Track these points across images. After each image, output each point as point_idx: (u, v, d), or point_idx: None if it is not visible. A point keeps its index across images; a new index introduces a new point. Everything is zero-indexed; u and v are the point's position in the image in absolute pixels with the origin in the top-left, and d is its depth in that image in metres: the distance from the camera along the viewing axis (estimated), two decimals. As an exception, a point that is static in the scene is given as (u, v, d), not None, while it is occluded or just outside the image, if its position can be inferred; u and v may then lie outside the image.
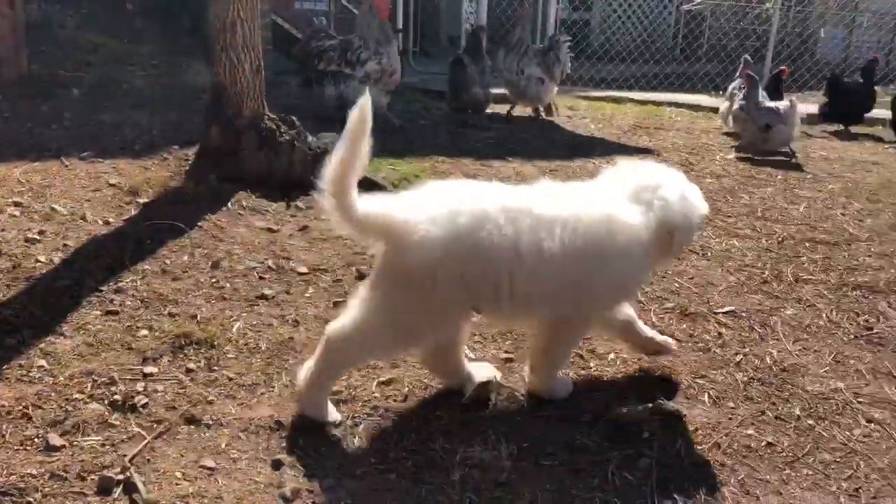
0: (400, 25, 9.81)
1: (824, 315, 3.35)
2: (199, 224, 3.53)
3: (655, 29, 12.28)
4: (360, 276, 3.19)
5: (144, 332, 2.66)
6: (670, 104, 9.14)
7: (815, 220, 4.70)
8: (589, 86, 9.88)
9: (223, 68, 4.12)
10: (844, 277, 3.78)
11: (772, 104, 6.49)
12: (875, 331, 3.24)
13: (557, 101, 8.59)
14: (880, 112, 8.41)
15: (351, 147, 2.11)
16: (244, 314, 2.83)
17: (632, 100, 9.33)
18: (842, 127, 8.17)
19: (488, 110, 7.30)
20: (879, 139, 7.88)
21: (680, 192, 2.42)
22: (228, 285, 3.03)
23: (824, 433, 2.47)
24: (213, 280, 3.05)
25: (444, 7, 12.71)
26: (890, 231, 4.59)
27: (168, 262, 3.16)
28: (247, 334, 2.71)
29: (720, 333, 3.09)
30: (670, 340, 2.76)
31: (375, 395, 2.45)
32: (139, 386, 2.37)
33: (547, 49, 7.48)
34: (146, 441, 2.13)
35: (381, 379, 2.53)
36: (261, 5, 7.91)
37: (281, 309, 2.91)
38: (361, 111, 2.09)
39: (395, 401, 2.43)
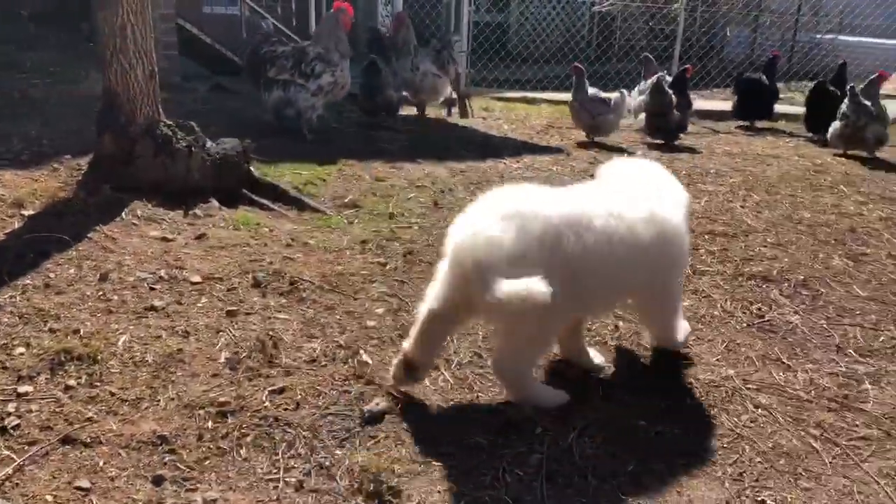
0: (314, 28, 9.71)
1: (719, 305, 3.44)
2: (88, 236, 3.39)
3: (570, 30, 12.47)
4: (256, 284, 3.12)
5: (21, 349, 2.54)
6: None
7: (715, 213, 4.83)
8: (504, 87, 9.97)
9: (114, 74, 3.97)
10: (740, 268, 3.90)
11: (603, 95, 7.01)
12: (766, 318, 3.34)
13: (473, 103, 8.65)
14: (781, 107, 8.77)
15: None
16: (131, 327, 2.73)
17: (546, 100, 9.44)
18: (748, 123, 8.47)
19: (402, 112, 7.29)
20: (781, 132, 8.17)
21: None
22: (116, 297, 2.92)
23: (714, 420, 2.53)
24: (100, 293, 2.93)
25: (360, 10, 12.64)
26: (785, 222, 4.75)
27: (52, 275, 3.03)
28: (133, 347, 2.61)
29: (617, 326, 3.13)
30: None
31: (266, 404, 2.39)
32: (11, 407, 2.25)
33: (440, 48, 7.52)
34: (15, 464, 2.03)
35: (273, 388, 2.47)
36: (167, 9, 7.78)
37: (171, 320, 2.81)
38: None
39: (286, 409, 2.38)
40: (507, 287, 2.08)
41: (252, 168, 4.45)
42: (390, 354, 2.73)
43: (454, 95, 8.56)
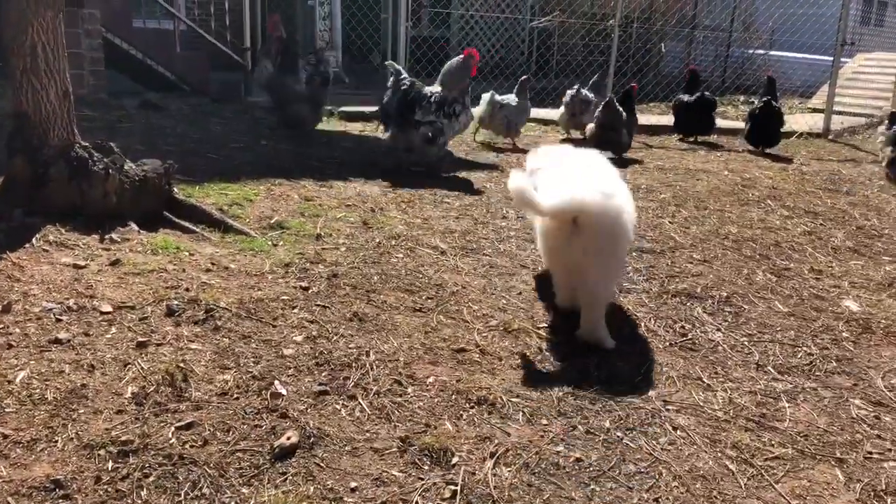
0: (248, 44, 9.60)
1: (643, 324, 3.45)
2: (-6, 264, 3.24)
3: (509, 46, 12.57)
4: (170, 312, 3.02)
5: None
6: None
7: (644, 229, 4.87)
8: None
9: (25, 95, 3.82)
10: (666, 285, 3.93)
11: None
12: (689, 336, 3.36)
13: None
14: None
15: None
16: (32, 362, 2.61)
17: (485, 116, 9.47)
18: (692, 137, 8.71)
19: (339, 129, 7.23)
20: (713, 146, 8.34)
21: None
22: (18, 330, 2.79)
23: (632, 444, 2.51)
24: (1, 326, 2.80)
25: (299, 25, 12.56)
26: (712, 237, 4.82)
27: (-50, 308, 2.88)
28: (32, 384, 2.48)
29: (541, 349, 3.11)
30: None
31: (172, 441, 2.29)
32: None
33: (316, 62, 7.43)
34: None
35: (181, 423, 2.37)
36: (91, 24, 7.58)
37: (76, 353, 2.69)
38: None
39: (193, 446, 2.29)
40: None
41: (175, 189, 4.33)
42: (307, 384, 2.66)
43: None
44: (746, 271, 4.25)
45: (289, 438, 2.34)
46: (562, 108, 8.13)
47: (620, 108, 7.14)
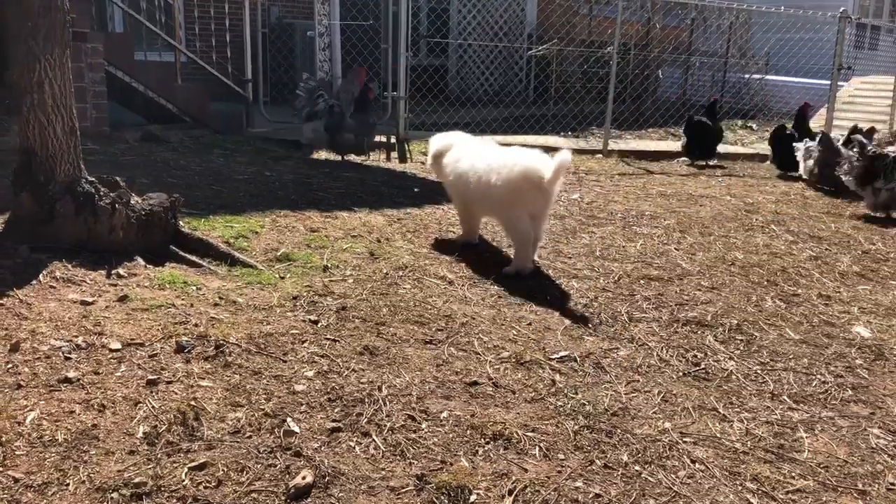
0: (249, 76, 9.65)
1: (655, 354, 3.43)
2: (1, 302, 3.22)
3: (508, 74, 12.66)
4: (180, 349, 2.99)
5: (-82, 433, 2.36)
6: (522, 146, 9.34)
7: (650, 256, 4.86)
8: (444, 131, 10.00)
9: (32, 131, 3.83)
10: (675, 313, 3.91)
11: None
12: (702, 366, 3.34)
13: (412, 147, 8.66)
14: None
15: None
16: (42, 402, 2.57)
17: (485, 143, 9.50)
18: (702, 161, 8.75)
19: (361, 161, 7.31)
20: (717, 167, 8.36)
21: None
22: (27, 370, 2.76)
23: (651, 478, 2.48)
24: (9, 365, 2.77)
25: (299, 56, 12.65)
26: (719, 263, 4.81)
27: (-42, 348, 2.85)
28: (42, 425, 2.45)
29: (554, 381, 3.08)
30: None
31: (185, 482, 2.26)
32: None
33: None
34: None
35: (194, 463, 2.34)
36: (94, 58, 7.62)
37: (86, 392, 2.66)
38: None
39: (206, 487, 2.25)
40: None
41: (181, 223, 4.33)
42: (319, 420, 2.63)
43: (393, 140, 8.57)
44: (755, 298, 4.23)
45: (304, 478, 2.30)
46: None
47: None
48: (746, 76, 13.37)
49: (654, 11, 12.86)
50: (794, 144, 8.03)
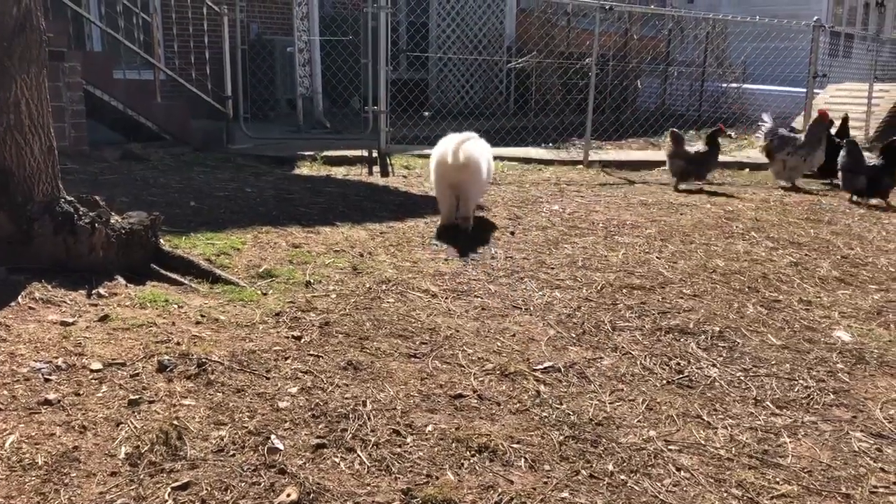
0: (229, 92, 9.64)
1: (639, 362, 3.44)
2: (-22, 324, 3.18)
3: (488, 86, 12.72)
4: (162, 368, 2.97)
5: None
6: (503, 158, 9.41)
7: (632, 265, 4.89)
8: (425, 144, 10.03)
9: (9, 151, 3.79)
10: (658, 322, 3.93)
11: None
12: (685, 374, 3.35)
13: (394, 160, 8.67)
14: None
15: None
16: (21, 425, 2.54)
17: (467, 155, 9.52)
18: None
19: (323, 173, 7.24)
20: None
21: None
22: (6, 392, 2.72)
23: (636, 487, 2.48)
24: (-12, 388, 2.74)
25: (279, 72, 12.66)
26: (700, 271, 4.84)
27: (-64, 372, 2.82)
28: (22, 449, 2.42)
29: (538, 392, 3.09)
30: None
31: (168, 503, 2.23)
32: None
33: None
34: None
35: (177, 483, 2.32)
36: (72, 77, 7.58)
37: (67, 414, 2.63)
38: None
39: (189, 507, 2.23)
40: None
41: (161, 241, 4.30)
42: (304, 437, 2.62)
43: (375, 154, 8.58)
44: (737, 305, 4.26)
45: (288, 495, 2.29)
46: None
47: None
48: (724, 85, 13.52)
49: (631, 22, 13.00)
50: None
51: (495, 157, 9.41)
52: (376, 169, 8.38)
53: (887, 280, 4.93)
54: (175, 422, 2.61)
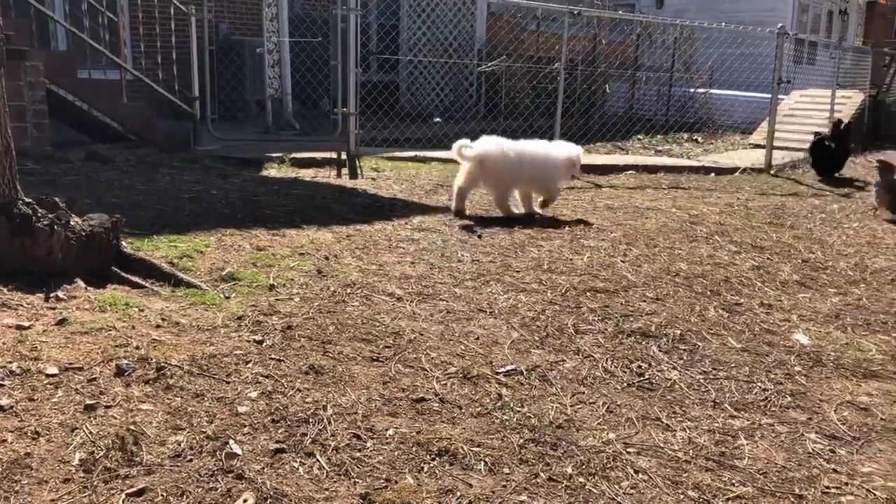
0: (196, 93, 9.55)
1: (601, 365, 3.47)
2: (-69, 328, 3.12)
3: (458, 89, 12.74)
4: (120, 372, 2.93)
5: None
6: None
7: (596, 268, 4.93)
8: (395, 146, 10.03)
9: (-35, 151, 3.74)
10: (620, 325, 3.96)
11: None
12: (646, 376, 3.38)
13: (363, 162, 8.65)
14: (660, 159, 9.16)
15: None
16: (-27, 431, 2.50)
17: (437, 159, 9.54)
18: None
19: (291, 175, 7.20)
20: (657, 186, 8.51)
21: None
22: (-42, 398, 2.67)
23: (594, 489, 2.50)
24: (-61, 394, 2.68)
25: (248, 73, 12.56)
26: (664, 275, 4.90)
27: None
28: (-28, 455, 2.38)
29: (500, 395, 3.10)
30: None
31: (122, 509, 2.21)
32: None
33: None
34: None
35: (132, 489, 2.29)
36: (34, 76, 7.46)
37: (20, 420, 2.59)
38: None
39: (145, 514, 2.21)
40: None
41: (123, 243, 4.25)
42: (263, 442, 2.60)
43: (343, 156, 8.55)
44: (699, 308, 4.31)
45: (245, 500, 2.27)
46: None
47: None
48: (691, 90, 13.68)
49: (600, 27, 13.12)
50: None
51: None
52: (345, 171, 8.35)
53: (846, 284, 5.03)
54: (132, 427, 2.58)
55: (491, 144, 6.26)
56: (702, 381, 3.38)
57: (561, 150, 6.49)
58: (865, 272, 5.34)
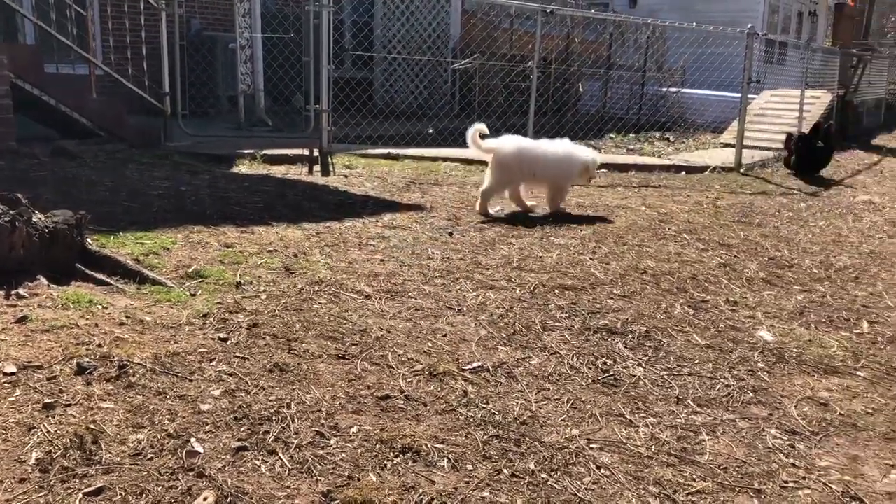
0: (167, 89, 9.45)
1: (566, 362, 3.49)
2: None
3: (433, 87, 12.73)
4: (81, 370, 2.90)
5: None
6: (446, 159, 9.44)
7: (565, 266, 4.95)
8: (368, 143, 10.00)
9: (-77, 146, 3.67)
10: (587, 321, 3.99)
11: None
12: (611, 373, 3.41)
13: (336, 159, 8.61)
14: (630, 158, 9.22)
15: None
16: (-73, 431, 2.46)
17: (410, 156, 9.54)
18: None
19: (262, 172, 7.15)
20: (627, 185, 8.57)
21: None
22: (-87, 397, 2.63)
23: (556, 485, 2.51)
24: None
25: (220, 68, 12.46)
26: (632, 272, 4.93)
27: None
28: (-74, 455, 2.34)
29: (466, 392, 3.10)
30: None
31: (80, 509, 2.18)
32: None
33: None
34: None
35: (90, 489, 2.26)
36: (0, 69, 7.34)
37: (-24, 419, 2.56)
38: None
39: (102, 513, 2.18)
40: None
41: (88, 240, 4.20)
42: (225, 440, 2.58)
43: (316, 153, 8.51)
44: (665, 305, 4.35)
45: (205, 499, 2.25)
46: None
47: None
48: (663, 89, 13.79)
49: (573, 26, 13.18)
50: None
51: (440, 159, 9.50)
52: (317, 168, 8.31)
53: (811, 281, 5.10)
54: (91, 425, 2.56)
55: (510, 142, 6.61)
56: (666, 377, 3.41)
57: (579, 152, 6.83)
58: (830, 270, 5.42)
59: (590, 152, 6.90)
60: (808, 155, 10.08)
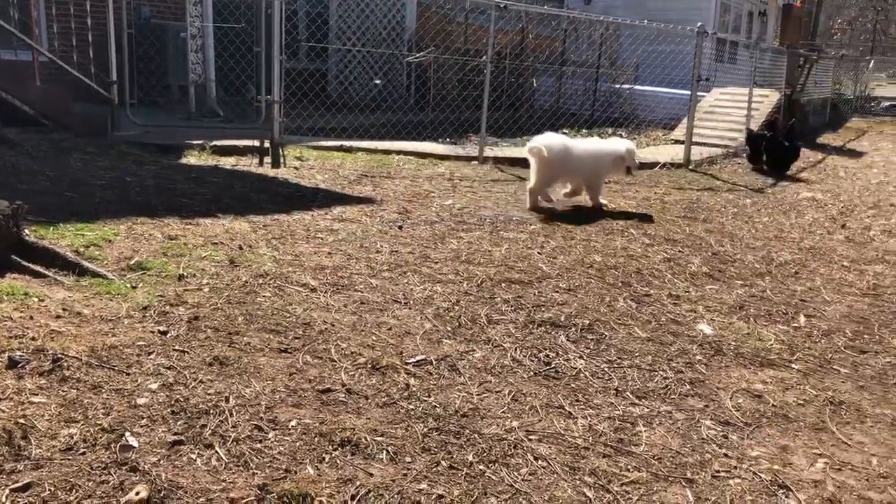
0: (114, 77, 9.25)
1: (509, 354, 3.52)
2: None
3: (389, 79, 12.69)
4: (12, 364, 2.83)
5: None
6: (399, 152, 9.42)
7: (513, 260, 4.99)
8: (321, 135, 9.92)
9: None
10: (532, 315, 4.02)
11: None
12: (553, 365, 3.45)
13: (287, 151, 8.53)
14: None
15: None
16: None
17: (363, 149, 9.49)
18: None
19: (211, 163, 7.05)
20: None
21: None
22: None
23: (494, 476, 2.54)
24: None
25: (171, 57, 12.23)
26: (578, 266, 4.99)
27: None
28: None
29: (408, 385, 3.11)
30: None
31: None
32: None
33: None
34: None
35: (17, 485, 2.22)
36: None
37: None
38: None
39: (30, 509, 2.14)
40: None
41: (25, 231, 4.10)
42: (160, 434, 2.55)
43: (266, 145, 8.42)
44: (609, 298, 4.41)
45: (137, 493, 2.23)
46: None
47: None
48: (616, 86, 13.95)
49: (528, 21, 13.25)
50: None
51: (393, 152, 9.48)
52: (268, 160, 8.22)
53: (752, 276, 5.21)
54: (21, 420, 2.50)
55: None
56: (606, 369, 3.46)
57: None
58: (771, 265, 5.55)
59: (624, 143, 7.29)
60: (778, 153, 10.32)
